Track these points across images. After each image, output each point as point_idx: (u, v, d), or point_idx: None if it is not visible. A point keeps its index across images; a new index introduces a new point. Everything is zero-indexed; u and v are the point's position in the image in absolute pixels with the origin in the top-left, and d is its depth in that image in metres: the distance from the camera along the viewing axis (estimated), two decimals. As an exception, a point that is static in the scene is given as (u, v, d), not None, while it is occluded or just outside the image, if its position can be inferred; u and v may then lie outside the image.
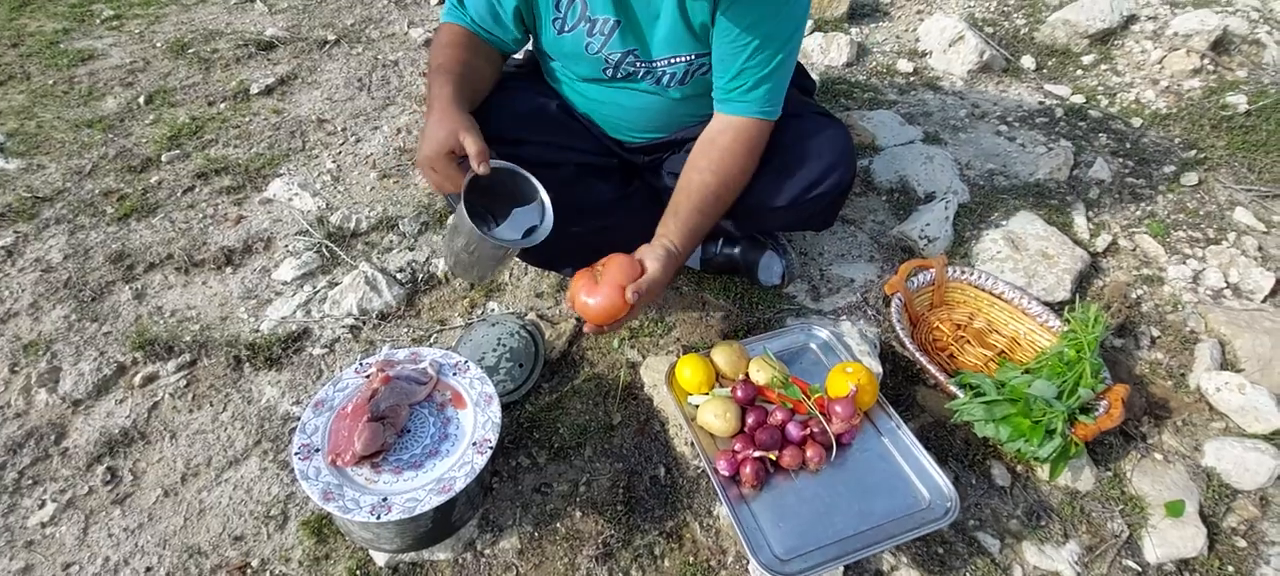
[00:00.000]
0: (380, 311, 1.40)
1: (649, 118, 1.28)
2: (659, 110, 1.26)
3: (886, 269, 1.48)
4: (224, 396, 1.26)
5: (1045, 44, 2.20)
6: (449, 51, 1.15)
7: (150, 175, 1.68)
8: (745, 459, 1.01)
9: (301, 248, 1.52)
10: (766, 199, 1.23)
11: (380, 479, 0.94)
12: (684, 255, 1.14)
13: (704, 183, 1.14)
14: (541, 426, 1.22)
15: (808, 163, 1.21)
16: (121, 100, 1.89)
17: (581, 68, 1.21)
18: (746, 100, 1.12)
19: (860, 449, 1.09)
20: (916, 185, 1.64)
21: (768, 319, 1.37)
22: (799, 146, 1.21)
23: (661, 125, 1.30)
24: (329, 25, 2.23)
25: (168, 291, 1.44)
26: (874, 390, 1.11)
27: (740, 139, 1.14)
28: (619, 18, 1.11)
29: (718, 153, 1.14)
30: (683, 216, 1.13)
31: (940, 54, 2.08)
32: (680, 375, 1.16)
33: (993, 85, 2.05)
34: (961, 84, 2.03)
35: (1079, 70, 2.12)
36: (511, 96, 1.30)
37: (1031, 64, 2.11)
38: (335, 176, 1.71)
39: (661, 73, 1.17)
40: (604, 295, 1.01)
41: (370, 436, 0.93)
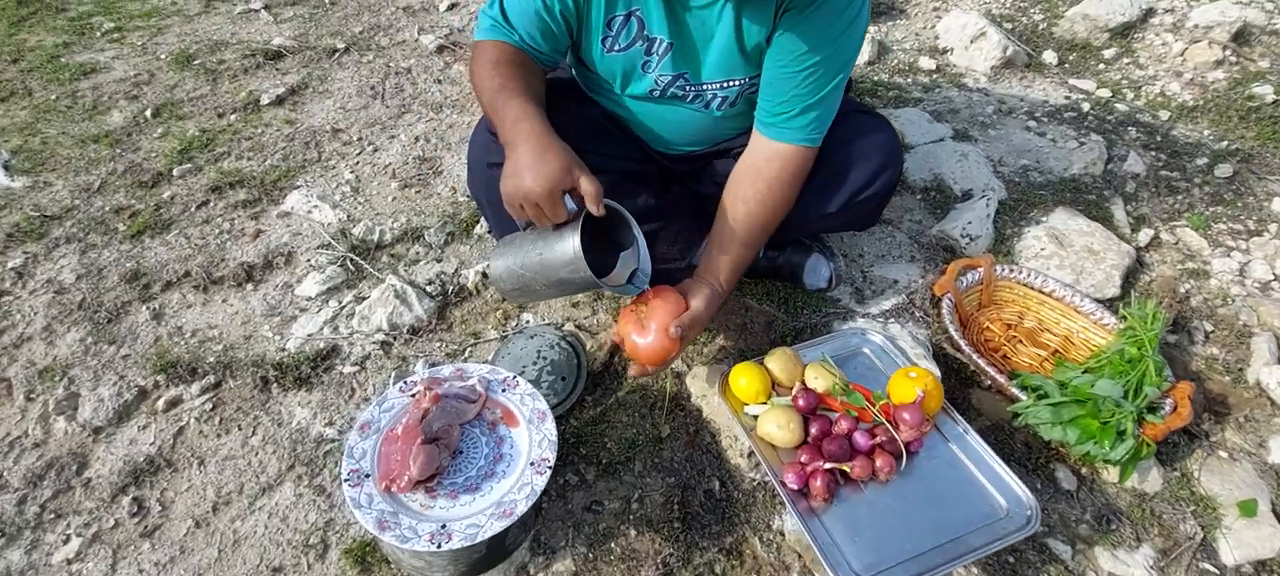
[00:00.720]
0: (411, 326, 1.34)
1: (691, 133, 1.25)
2: (702, 126, 1.22)
3: (929, 268, 1.45)
4: (253, 419, 1.21)
5: (1065, 38, 2.18)
6: (508, 70, 1.07)
7: (162, 190, 1.62)
8: (815, 471, 0.97)
9: (325, 261, 1.46)
10: (816, 206, 1.19)
11: (436, 504, 0.88)
12: (728, 291, 1.12)
13: (749, 215, 1.11)
14: (588, 441, 1.17)
15: (857, 165, 1.18)
16: (127, 114, 1.82)
17: (627, 86, 1.17)
18: (793, 127, 1.08)
19: (928, 457, 1.04)
20: (952, 183, 1.61)
21: (814, 323, 1.33)
22: (847, 149, 1.17)
23: (703, 139, 1.26)
24: (337, 33, 2.18)
25: (187, 311, 1.38)
26: (940, 395, 1.07)
27: (788, 168, 1.10)
28: (673, 40, 1.07)
29: (764, 183, 1.11)
30: (728, 252, 1.12)
31: (962, 50, 2.05)
32: (735, 384, 1.12)
33: (1017, 81, 2.03)
34: (985, 80, 2.01)
35: (1101, 64, 2.11)
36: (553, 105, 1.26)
37: (1053, 59, 2.10)
38: (354, 187, 1.65)
39: (712, 97, 1.15)
40: (655, 339, 1.01)
41: (426, 459, 0.88)
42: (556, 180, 0.92)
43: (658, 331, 1.02)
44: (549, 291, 1.07)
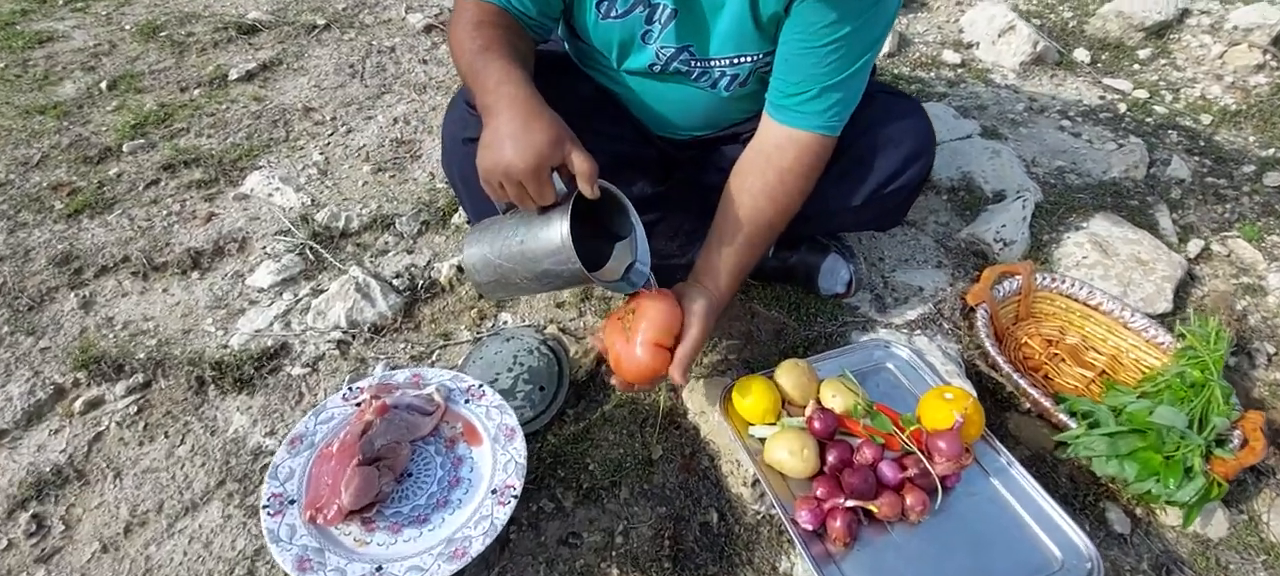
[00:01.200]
0: (373, 323, 1.19)
1: (695, 115, 1.09)
2: (708, 107, 1.07)
3: (958, 276, 1.30)
4: (182, 425, 1.05)
5: (1097, 37, 2.04)
6: (491, 32, 0.93)
7: (109, 167, 1.47)
8: (834, 508, 0.81)
9: (282, 249, 1.30)
10: (837, 198, 1.04)
11: (373, 539, 0.72)
12: (729, 297, 0.96)
13: (757, 210, 0.95)
14: (567, 462, 1.01)
15: (885, 153, 1.02)
16: (81, 85, 1.67)
17: (624, 59, 1.02)
18: (810, 112, 0.93)
19: (967, 494, 0.89)
20: (983, 183, 1.46)
21: (829, 333, 1.17)
22: (873, 134, 1.02)
23: (709, 122, 1.11)
24: (318, 9, 2.04)
25: (121, 299, 1.22)
26: (980, 420, 0.91)
27: (802, 159, 0.95)
28: (678, 7, 0.92)
29: (775, 174, 0.95)
30: (729, 254, 0.95)
31: (989, 45, 1.91)
32: (739, 401, 0.96)
33: (1047, 79, 1.88)
34: (1014, 77, 1.86)
35: (1136, 65, 1.96)
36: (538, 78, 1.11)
37: (1086, 57, 1.95)
38: (322, 170, 1.50)
39: (719, 74, 0.99)
40: (643, 354, 0.85)
41: (361, 485, 0.72)
42: (543, 154, 0.78)
43: (645, 346, 0.85)
44: (531, 285, 0.90)
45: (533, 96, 0.83)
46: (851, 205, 1.04)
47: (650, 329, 0.86)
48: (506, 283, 0.91)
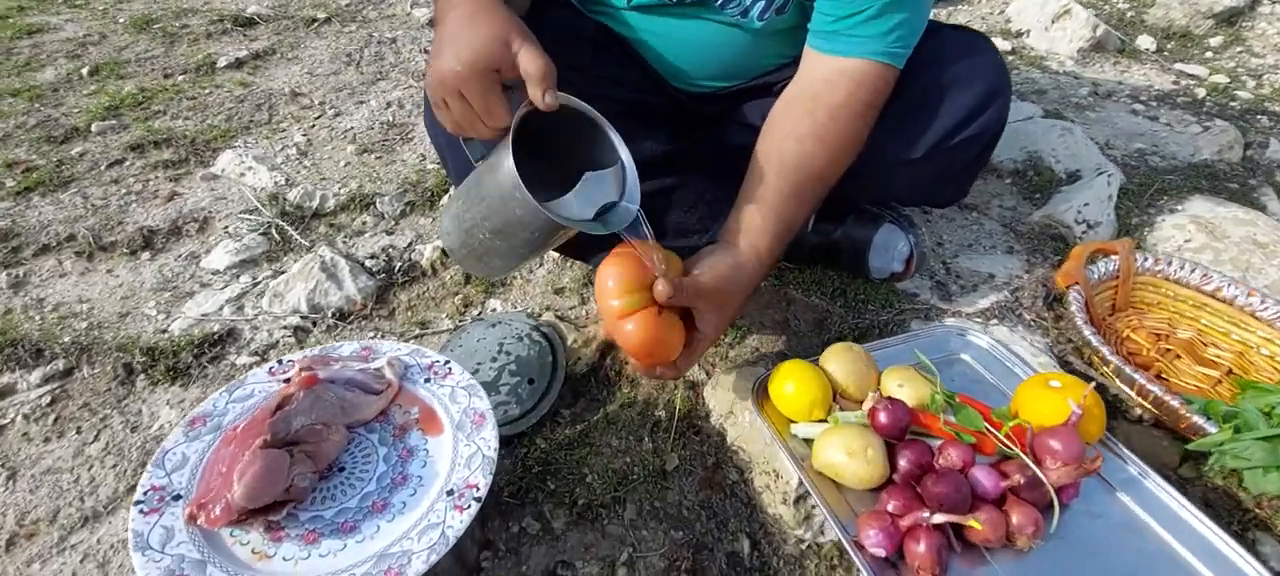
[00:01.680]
0: (339, 308, 1.01)
1: (722, 59, 0.91)
2: (737, 50, 0.89)
3: (1035, 261, 1.08)
4: (99, 420, 0.87)
5: (1160, 25, 1.86)
6: None
7: (73, 146, 1.34)
8: (914, 527, 0.59)
9: (244, 230, 1.15)
10: (894, 150, 0.85)
11: (278, 552, 0.52)
12: (771, 263, 0.75)
13: (804, 156, 0.75)
14: (559, 472, 0.80)
15: (953, 94, 0.84)
16: (62, 72, 1.58)
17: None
18: (868, 35, 0.75)
19: (1089, 512, 0.66)
20: (1053, 162, 1.26)
21: (883, 322, 0.96)
22: (937, 70, 0.84)
23: (738, 69, 0.93)
24: (321, 5, 1.95)
25: (58, 280, 1.07)
26: (1102, 416, 0.69)
27: (858, 94, 0.76)
28: None
29: (826, 113, 0.76)
30: (770, 208, 0.74)
31: (1041, 32, 1.74)
32: (778, 393, 0.75)
33: (1109, 65, 1.70)
34: (1072, 64, 1.68)
35: (1208, 52, 1.77)
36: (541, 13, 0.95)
37: (1151, 44, 1.77)
38: (303, 151, 1.36)
39: (752, 1, 0.82)
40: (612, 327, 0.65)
41: (262, 474, 0.52)
42: (482, 52, 0.62)
43: (609, 314, 0.65)
44: (502, 246, 0.71)
45: (496, 6, 0.66)
46: (912, 158, 0.84)
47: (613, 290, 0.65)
48: (477, 247, 0.73)
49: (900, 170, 0.88)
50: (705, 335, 0.70)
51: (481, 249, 0.73)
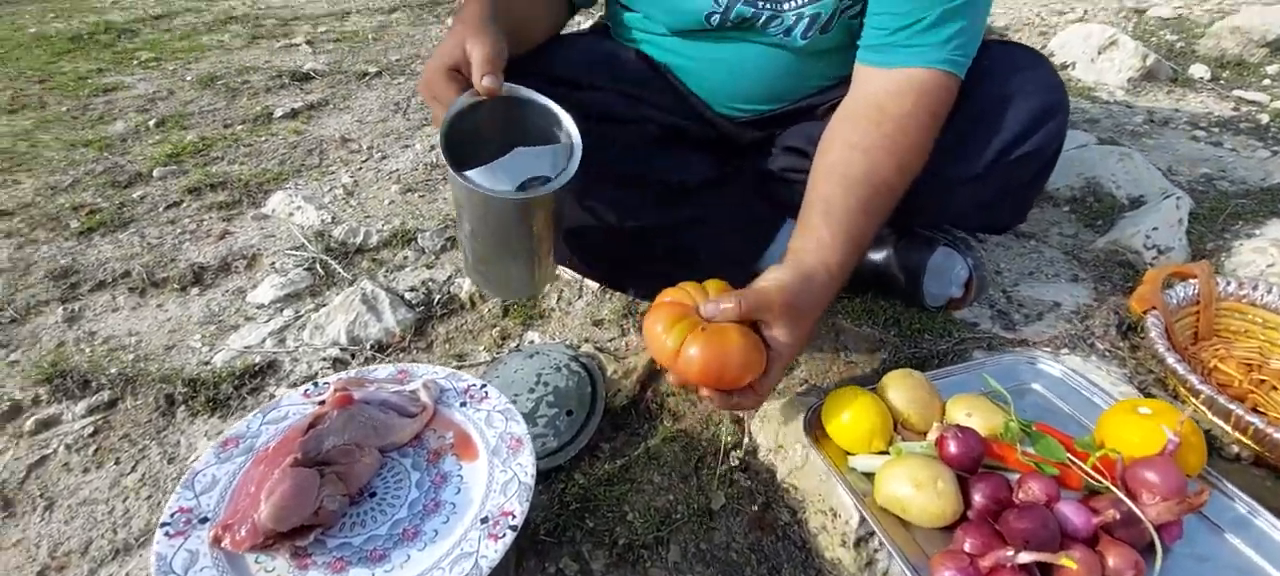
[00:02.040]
0: (378, 340, 1.00)
1: (765, 82, 0.90)
2: (780, 71, 0.88)
3: (1103, 289, 1.01)
4: (139, 450, 0.86)
5: (1212, 55, 1.80)
6: None
7: (135, 190, 1.41)
8: (997, 568, 0.52)
9: (290, 265, 1.17)
10: (953, 168, 0.81)
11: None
12: (841, 277, 0.70)
13: (872, 167, 0.72)
14: (598, 508, 0.76)
15: (1011, 107, 0.80)
16: (131, 124, 1.68)
17: (675, 16, 0.86)
18: (927, 45, 0.73)
19: (1191, 554, 0.58)
20: (1113, 188, 1.20)
21: (942, 351, 0.90)
22: (993, 83, 0.81)
23: (781, 92, 0.92)
24: (373, 61, 2.05)
25: (110, 315, 1.09)
26: (1202, 447, 0.62)
27: (924, 104, 0.73)
28: None
29: (893, 124, 0.73)
30: (839, 218, 0.70)
31: (1087, 64, 1.70)
32: (834, 421, 0.70)
33: (1163, 94, 1.63)
34: (1123, 94, 1.63)
35: (1265, 79, 1.69)
36: (579, 38, 0.97)
37: (1205, 73, 1.70)
38: (349, 191, 1.39)
39: (795, 18, 0.81)
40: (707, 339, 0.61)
41: (291, 493, 0.50)
42: (441, 54, 0.69)
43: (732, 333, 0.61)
44: (481, 248, 0.77)
45: (475, 12, 0.72)
46: (971, 174, 0.80)
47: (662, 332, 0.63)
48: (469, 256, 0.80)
49: (959, 188, 0.83)
50: (779, 353, 0.65)
51: (474, 258, 0.79)
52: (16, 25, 2.48)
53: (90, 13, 2.60)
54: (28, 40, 2.27)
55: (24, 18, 2.58)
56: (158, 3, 2.69)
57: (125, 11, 2.60)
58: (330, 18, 2.43)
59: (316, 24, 2.38)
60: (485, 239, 0.77)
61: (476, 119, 0.71)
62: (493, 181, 0.74)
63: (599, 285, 1.07)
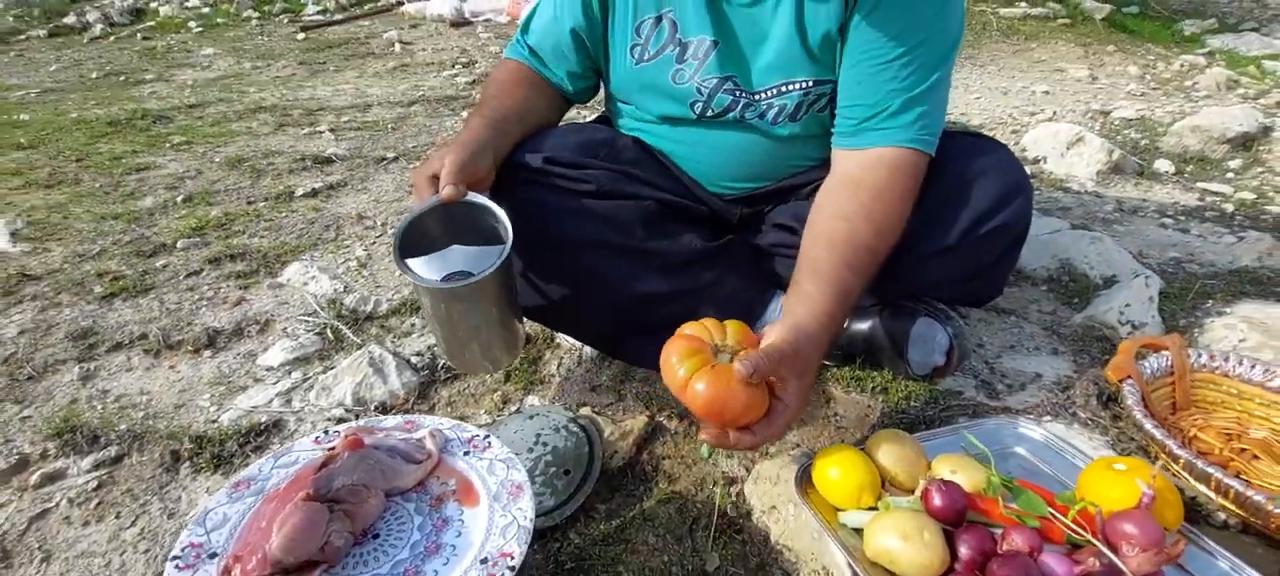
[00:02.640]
0: (382, 402, 1.03)
1: (749, 163, 1.00)
2: (762, 154, 0.98)
3: (1081, 362, 1.05)
4: (140, 505, 0.88)
5: (1175, 152, 1.92)
6: (496, 88, 1.00)
7: (159, 259, 1.47)
8: (983, 616, 0.53)
9: (302, 330, 1.21)
10: (928, 241, 0.88)
11: (307, 615, 0.51)
12: (833, 328, 0.76)
13: (853, 232, 0.79)
14: (594, 569, 0.76)
15: (976, 186, 0.88)
16: (160, 200, 1.77)
17: (664, 105, 0.97)
18: (895, 127, 0.83)
19: (1180, 614, 0.59)
20: (1087, 269, 1.27)
21: (928, 416, 0.93)
22: (962, 164, 0.89)
23: (765, 172, 1.01)
24: (391, 148, 2.18)
25: (124, 375, 1.13)
26: (1178, 504, 0.64)
27: (897, 178, 0.82)
28: (716, 38, 0.89)
29: (868, 193, 0.81)
30: (825, 274, 0.77)
31: (1057, 158, 1.82)
32: (823, 477, 0.73)
33: (1131, 186, 1.74)
34: (1093, 185, 1.73)
35: (1229, 172, 1.81)
36: (579, 125, 1.06)
37: (1170, 167, 1.82)
38: (362, 263, 1.46)
39: (766, 106, 0.92)
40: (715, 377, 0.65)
41: (302, 526, 0.52)
42: (424, 164, 0.84)
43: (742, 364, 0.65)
44: (435, 327, 0.91)
45: (468, 131, 0.89)
46: (944, 246, 0.87)
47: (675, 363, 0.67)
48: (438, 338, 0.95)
49: (933, 261, 0.90)
50: (788, 404, 0.68)
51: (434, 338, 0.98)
52: (59, 110, 2.65)
53: (129, 101, 2.78)
54: (69, 124, 2.42)
55: (67, 104, 2.75)
56: (193, 93, 2.89)
57: (162, 101, 2.79)
58: (353, 110, 2.61)
59: (340, 115, 2.54)
60: (432, 322, 0.91)
61: (440, 222, 0.87)
62: (428, 270, 0.88)
63: (597, 352, 1.11)
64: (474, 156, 0.85)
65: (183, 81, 3.12)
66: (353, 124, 2.44)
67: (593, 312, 0.97)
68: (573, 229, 0.91)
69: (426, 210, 0.84)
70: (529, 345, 1.15)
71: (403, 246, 0.85)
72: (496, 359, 0.98)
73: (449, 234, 0.91)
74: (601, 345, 1.08)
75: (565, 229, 0.91)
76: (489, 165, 0.89)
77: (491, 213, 0.85)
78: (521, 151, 0.95)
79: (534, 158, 0.93)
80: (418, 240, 0.87)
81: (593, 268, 0.92)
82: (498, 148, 0.92)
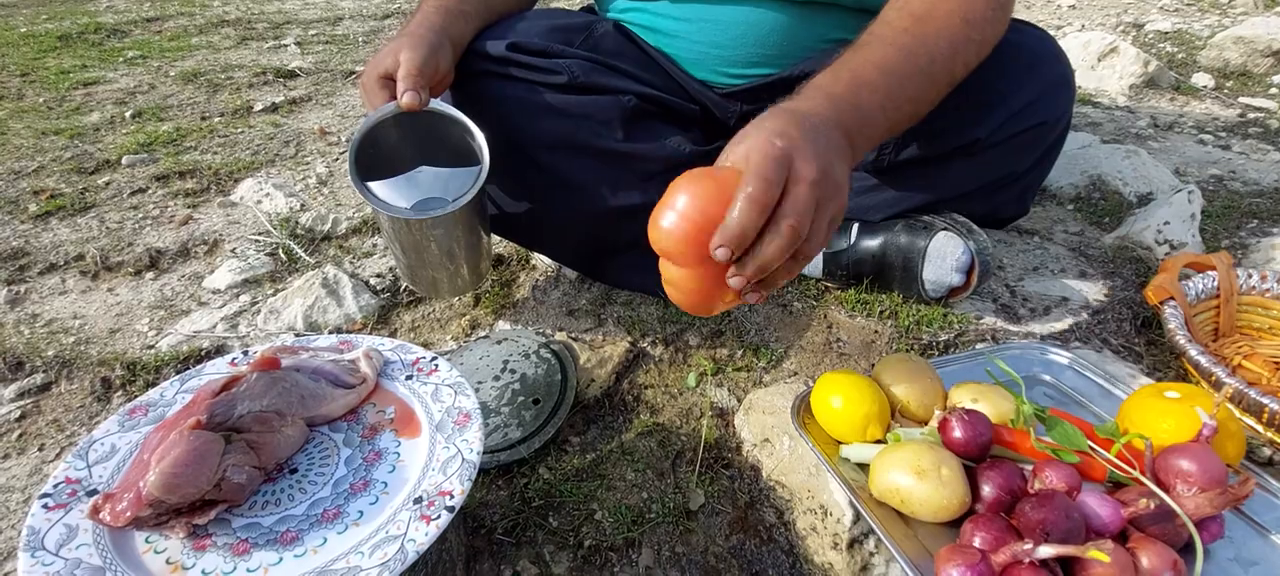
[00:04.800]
0: (337, 326, 0.93)
1: (760, 42, 0.85)
2: (778, 31, 0.83)
3: (1113, 285, 0.95)
4: (67, 437, 0.79)
5: (1214, 66, 1.76)
6: None
7: (101, 177, 1.35)
8: (1014, 565, 0.45)
9: (252, 251, 1.10)
10: (959, 132, 0.75)
11: (197, 563, 0.42)
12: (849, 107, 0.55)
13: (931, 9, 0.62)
14: (564, 507, 0.68)
15: (1015, 72, 0.75)
16: (107, 115, 1.63)
17: None
18: None
19: (1235, 559, 0.50)
20: (1120, 185, 1.15)
21: (943, 342, 0.83)
22: (1000, 53, 0.76)
23: (777, 54, 0.86)
24: (361, 61, 2.01)
25: (57, 298, 1.02)
26: (1241, 435, 0.55)
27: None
28: None
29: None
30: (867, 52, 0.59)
31: (1087, 71, 1.66)
32: (823, 407, 0.63)
33: (1166, 102, 1.59)
34: (1125, 100, 1.59)
35: (1274, 88, 1.66)
36: (551, 11, 0.92)
37: (1208, 81, 1.66)
38: (323, 180, 1.33)
39: None
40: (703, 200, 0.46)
41: (185, 459, 0.42)
42: (376, 61, 0.72)
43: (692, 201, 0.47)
44: (397, 250, 0.82)
45: (424, 18, 0.75)
46: (975, 138, 0.74)
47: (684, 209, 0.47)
48: (396, 259, 0.86)
49: (957, 160, 0.78)
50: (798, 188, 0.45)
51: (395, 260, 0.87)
52: (8, 25, 2.45)
53: (83, 15, 2.58)
54: (16, 39, 2.24)
55: (17, 19, 2.56)
56: (152, 6, 2.67)
57: (119, 14, 2.58)
58: (322, 22, 2.41)
59: (308, 28, 2.35)
60: (394, 246, 0.82)
61: (399, 129, 0.76)
62: (395, 195, 0.79)
63: (577, 274, 1.00)
64: (433, 52, 0.72)
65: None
66: (321, 37, 2.26)
67: (565, 227, 0.86)
68: (538, 127, 0.78)
69: (383, 118, 0.73)
70: (502, 266, 1.05)
71: (359, 161, 0.74)
72: (464, 284, 0.90)
73: (410, 144, 0.80)
74: (579, 265, 0.97)
75: (529, 127, 0.78)
76: (449, 61, 0.76)
77: (460, 124, 0.75)
78: (483, 38, 0.82)
79: (496, 45, 0.80)
80: (377, 155, 0.77)
81: (562, 173, 0.80)
82: (457, 37, 0.79)
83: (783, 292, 0.94)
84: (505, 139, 0.81)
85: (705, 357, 0.85)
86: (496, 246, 1.07)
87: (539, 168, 0.82)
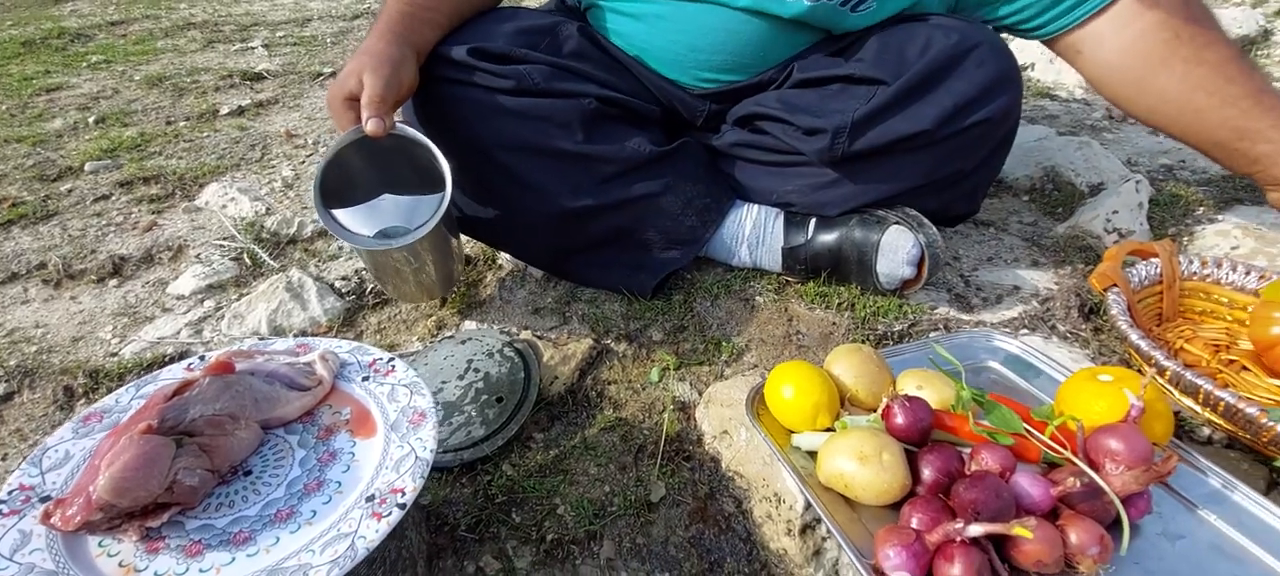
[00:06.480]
0: (302, 330, 0.94)
1: (738, 49, 0.86)
2: (757, 38, 0.84)
3: (1062, 273, 0.98)
4: (29, 445, 0.79)
5: (1170, 59, 1.81)
6: None
7: (64, 183, 1.33)
8: (946, 543, 0.47)
9: (217, 256, 1.10)
10: (901, 117, 0.78)
11: (150, 566, 0.43)
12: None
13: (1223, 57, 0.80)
14: (527, 503, 0.70)
15: (958, 72, 0.78)
16: (70, 121, 1.60)
17: None
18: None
19: (1162, 533, 0.53)
20: (1072, 176, 1.18)
21: (897, 332, 0.86)
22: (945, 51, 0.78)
23: (754, 60, 0.88)
24: (329, 63, 2.00)
25: (20, 307, 1.01)
26: (1168, 415, 0.58)
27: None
28: None
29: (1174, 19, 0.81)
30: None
31: (1045, 65, 1.70)
32: (775, 397, 0.65)
33: (1122, 93, 1.64)
34: (1081, 93, 1.63)
35: (1225, 81, 1.71)
36: (516, 11, 0.92)
37: (1163, 74, 1.71)
38: (288, 184, 1.33)
39: None
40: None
41: (135, 463, 0.43)
42: (339, 82, 0.73)
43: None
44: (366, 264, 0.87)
45: (387, 28, 0.76)
46: (921, 129, 0.77)
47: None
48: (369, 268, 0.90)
49: (903, 154, 0.80)
50: None
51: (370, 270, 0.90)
52: (-33, 31, 2.40)
53: (47, 20, 2.53)
54: (-25, 44, 2.19)
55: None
56: (117, 10, 2.63)
57: (83, 19, 2.54)
58: (290, 23, 2.39)
59: (275, 29, 2.33)
60: (367, 264, 0.85)
61: (364, 151, 0.77)
62: (360, 222, 0.82)
63: (542, 272, 1.01)
64: (395, 71, 0.73)
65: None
66: (289, 39, 2.23)
67: (528, 227, 0.87)
68: (499, 131, 0.79)
69: (347, 144, 0.75)
70: (469, 266, 1.06)
71: (325, 189, 0.77)
72: (437, 289, 0.92)
73: (375, 166, 0.82)
74: (543, 263, 0.98)
75: (491, 131, 0.79)
76: (412, 73, 0.77)
77: (424, 147, 0.77)
78: (448, 43, 0.82)
79: (458, 50, 0.81)
80: (343, 175, 0.79)
81: (523, 175, 0.81)
82: (421, 43, 0.80)
83: (744, 286, 0.96)
84: (468, 142, 0.82)
85: (668, 353, 0.87)
86: (464, 246, 1.08)
87: (501, 170, 0.83)
